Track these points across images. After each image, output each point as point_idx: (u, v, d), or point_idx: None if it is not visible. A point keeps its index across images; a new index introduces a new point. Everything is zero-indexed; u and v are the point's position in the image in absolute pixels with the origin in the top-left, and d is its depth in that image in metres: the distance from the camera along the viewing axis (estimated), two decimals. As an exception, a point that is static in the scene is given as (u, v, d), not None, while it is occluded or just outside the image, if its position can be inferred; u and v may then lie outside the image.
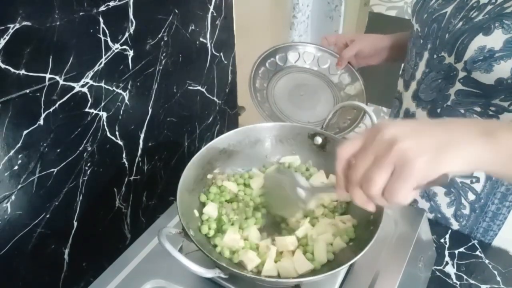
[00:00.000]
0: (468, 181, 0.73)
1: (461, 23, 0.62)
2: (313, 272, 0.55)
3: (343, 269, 0.59)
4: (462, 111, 0.67)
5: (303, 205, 0.56)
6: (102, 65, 0.62)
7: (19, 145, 0.53)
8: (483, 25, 0.58)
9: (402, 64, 0.83)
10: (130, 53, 0.66)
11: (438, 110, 0.70)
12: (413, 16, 0.75)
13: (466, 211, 0.77)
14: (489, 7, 0.59)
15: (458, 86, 0.65)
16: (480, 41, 0.59)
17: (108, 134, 0.68)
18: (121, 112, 0.69)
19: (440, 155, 0.38)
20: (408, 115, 0.77)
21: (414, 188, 0.39)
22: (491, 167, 0.41)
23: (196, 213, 0.62)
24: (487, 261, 0.74)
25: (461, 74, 0.64)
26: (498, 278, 0.71)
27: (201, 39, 0.83)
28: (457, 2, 0.65)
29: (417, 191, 0.40)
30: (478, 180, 0.72)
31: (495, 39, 0.57)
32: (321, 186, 0.66)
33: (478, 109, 0.65)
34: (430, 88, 0.70)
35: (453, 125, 0.42)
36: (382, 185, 0.40)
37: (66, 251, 0.67)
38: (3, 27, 0.47)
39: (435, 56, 0.68)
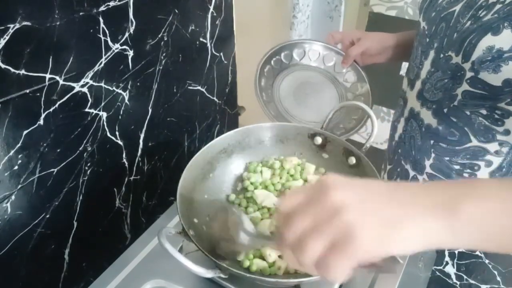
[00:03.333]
0: None
1: (469, 22, 0.62)
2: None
3: (343, 269, 0.59)
4: (468, 112, 0.66)
5: (243, 249, 0.53)
6: (102, 65, 0.62)
7: (19, 145, 0.53)
8: (491, 24, 0.58)
9: (402, 64, 0.82)
10: (130, 53, 0.66)
11: (445, 110, 0.69)
12: (421, 14, 0.74)
13: None
14: (498, 6, 0.58)
15: (465, 86, 0.64)
16: (488, 41, 0.58)
17: (108, 134, 0.68)
18: (121, 112, 0.69)
19: (389, 233, 0.34)
20: (413, 114, 0.77)
21: (352, 267, 0.35)
22: (450, 246, 0.36)
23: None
24: (487, 261, 0.74)
25: (469, 74, 0.63)
26: (498, 278, 0.71)
27: (201, 39, 0.83)
28: (465, 0, 0.64)
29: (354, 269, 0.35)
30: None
31: (504, 40, 0.56)
32: (267, 235, 0.60)
33: (484, 111, 0.64)
34: (436, 88, 0.69)
35: (410, 194, 0.36)
36: (315, 254, 0.35)
37: (66, 251, 0.66)
38: (3, 27, 0.47)
39: (441, 55, 0.67)
